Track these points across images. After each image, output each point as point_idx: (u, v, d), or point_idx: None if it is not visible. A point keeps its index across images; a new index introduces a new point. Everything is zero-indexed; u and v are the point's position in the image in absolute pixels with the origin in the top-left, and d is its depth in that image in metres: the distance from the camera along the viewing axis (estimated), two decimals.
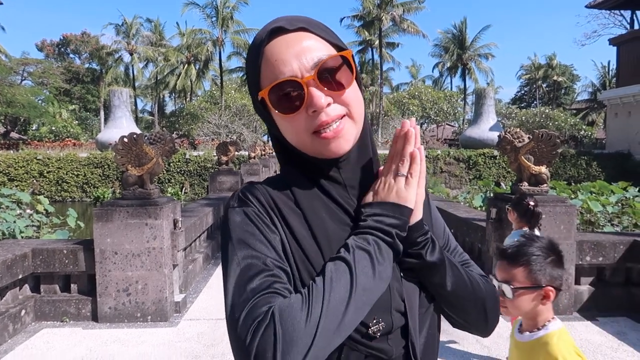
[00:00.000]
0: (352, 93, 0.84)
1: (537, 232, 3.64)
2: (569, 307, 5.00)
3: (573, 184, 19.33)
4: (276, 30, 0.82)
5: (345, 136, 0.83)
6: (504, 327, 4.55)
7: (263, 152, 22.97)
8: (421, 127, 46.13)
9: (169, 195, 12.59)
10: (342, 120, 0.82)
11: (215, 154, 14.83)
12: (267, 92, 0.81)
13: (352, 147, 0.86)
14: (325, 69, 0.80)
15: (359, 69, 0.89)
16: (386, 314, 0.83)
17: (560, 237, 4.93)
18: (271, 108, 0.83)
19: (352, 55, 0.85)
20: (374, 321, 0.82)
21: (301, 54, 0.80)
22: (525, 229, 3.62)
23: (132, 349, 4.18)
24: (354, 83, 0.85)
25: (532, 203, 3.61)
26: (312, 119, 0.80)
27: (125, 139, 4.72)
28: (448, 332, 4.44)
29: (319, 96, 0.79)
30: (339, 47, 0.85)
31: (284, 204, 0.86)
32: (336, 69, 0.82)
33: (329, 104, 0.80)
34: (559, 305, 4.95)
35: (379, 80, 46.74)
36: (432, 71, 58.44)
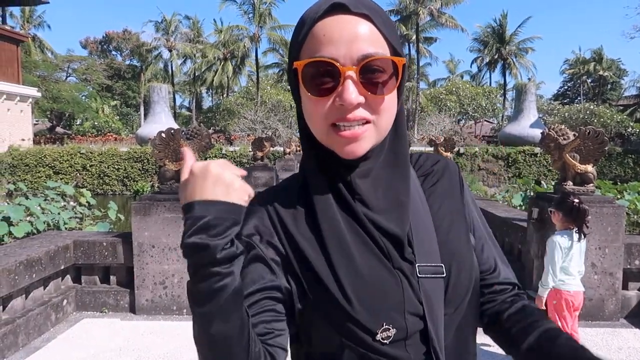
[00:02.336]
0: (388, 102, 0.78)
1: (585, 233, 3.47)
2: (615, 313, 4.77)
3: (619, 183, 18.54)
4: (337, 7, 0.75)
5: (362, 141, 0.76)
6: None
7: (298, 148, 23.07)
8: (458, 123, 45.29)
9: None
10: (365, 125, 0.76)
11: (250, 150, 14.97)
12: (304, 65, 0.75)
13: (370, 155, 0.80)
14: (370, 67, 0.74)
15: (405, 80, 0.82)
16: (399, 318, 0.76)
17: (607, 239, 4.71)
18: (301, 83, 0.76)
19: (405, 65, 0.78)
20: (383, 327, 0.75)
21: (353, 41, 0.73)
22: (573, 229, 3.45)
23: (168, 342, 4.24)
24: (394, 93, 0.79)
25: (576, 200, 3.45)
26: (336, 110, 0.75)
27: (163, 134, 4.79)
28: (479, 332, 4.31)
29: (353, 91, 0.73)
30: (394, 50, 0.78)
31: (291, 219, 0.82)
32: (382, 71, 0.75)
33: (359, 104, 0.74)
34: (604, 311, 4.74)
35: (416, 76, 46.15)
36: (471, 66, 57.32)
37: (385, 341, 0.75)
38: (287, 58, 0.83)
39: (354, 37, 0.73)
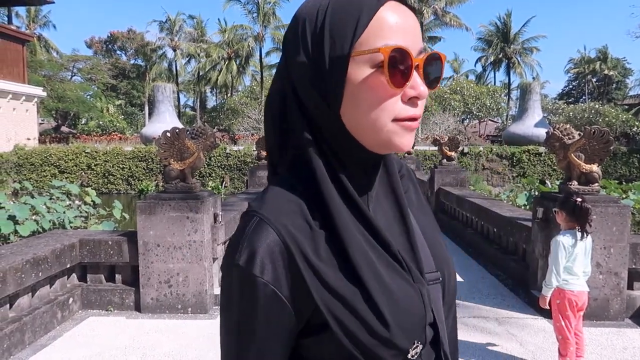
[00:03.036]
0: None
1: (588, 231, 3.47)
2: (620, 313, 4.76)
3: (624, 183, 18.46)
4: None
5: (412, 135, 0.74)
6: (549, 331, 4.38)
7: None
8: (462, 122, 45.19)
9: (209, 189, 12.81)
10: (418, 120, 0.74)
11: (254, 149, 15.00)
12: (391, 50, 0.67)
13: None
14: (430, 61, 0.72)
15: None
16: (422, 331, 0.74)
17: (613, 239, 4.70)
18: (386, 70, 0.68)
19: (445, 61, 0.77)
20: (415, 345, 0.72)
21: (416, 32, 0.72)
22: (577, 228, 3.46)
23: (173, 340, 4.26)
24: None
25: (579, 199, 3.46)
26: (403, 105, 0.70)
27: (168, 134, 4.81)
28: (490, 332, 4.31)
29: (422, 84, 0.70)
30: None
31: (310, 246, 0.70)
32: (433, 66, 0.73)
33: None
34: (609, 311, 4.73)
35: None
36: (475, 65, 57.15)
37: (414, 357, 0.73)
38: (307, 50, 0.72)
39: (415, 28, 0.72)
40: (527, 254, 5.57)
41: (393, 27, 0.69)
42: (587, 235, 3.47)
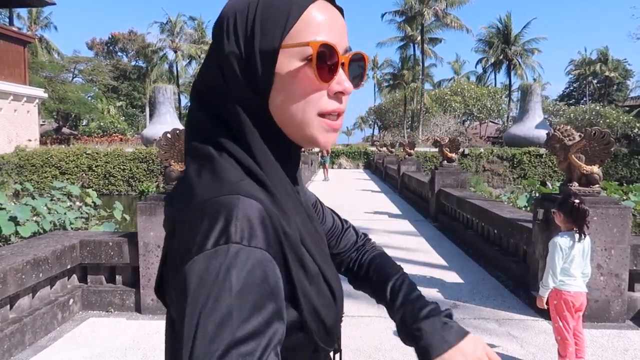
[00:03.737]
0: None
1: (585, 233, 3.48)
2: (621, 315, 4.75)
3: (625, 184, 18.44)
4: None
5: (336, 133, 0.77)
6: (550, 333, 4.38)
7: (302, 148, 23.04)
8: (463, 124, 45.16)
9: None
10: (341, 117, 0.77)
11: None
12: (320, 45, 0.70)
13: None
14: (355, 60, 0.77)
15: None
16: (342, 310, 0.87)
17: (613, 240, 4.69)
18: (314, 64, 0.70)
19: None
20: (342, 321, 0.86)
21: (343, 31, 0.76)
22: (575, 230, 3.47)
23: None
24: None
25: (577, 201, 3.47)
26: (329, 100, 0.74)
27: (169, 135, 4.81)
28: (491, 333, 4.31)
29: (347, 80, 0.74)
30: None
31: (283, 222, 0.70)
32: (357, 64, 0.78)
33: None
34: (610, 313, 4.72)
35: (421, 77, 46.06)
36: (476, 67, 57.13)
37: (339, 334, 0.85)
38: (245, 34, 0.72)
39: (343, 28, 0.76)
40: (528, 255, 5.56)
41: (321, 24, 0.72)
42: (584, 236, 3.48)
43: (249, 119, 0.73)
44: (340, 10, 0.78)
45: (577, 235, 3.45)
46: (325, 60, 0.72)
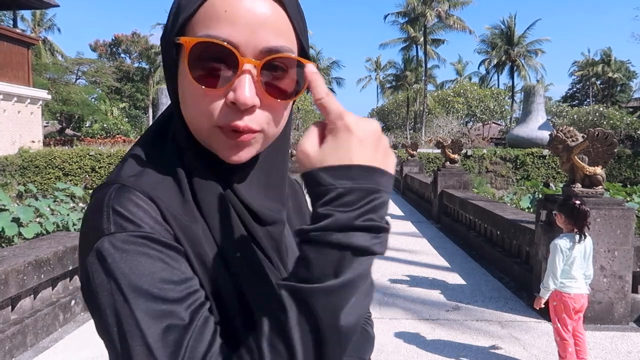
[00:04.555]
0: (283, 109, 0.65)
1: (585, 234, 3.47)
2: (624, 317, 4.72)
3: (629, 185, 18.37)
4: None
5: (250, 148, 0.64)
6: (552, 335, 4.36)
7: None
8: (466, 125, 45.11)
9: None
10: (255, 134, 0.62)
11: None
12: (195, 43, 0.58)
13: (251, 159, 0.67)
14: (275, 64, 0.61)
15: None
16: None
17: (617, 242, 4.66)
18: (186, 66, 0.59)
19: (313, 72, 0.59)
20: None
21: (260, 28, 0.59)
22: (576, 231, 3.46)
23: None
24: (291, 101, 0.66)
25: (577, 202, 3.47)
26: (226, 111, 0.60)
27: None
28: (493, 335, 4.29)
29: (250, 90, 0.58)
30: (303, 49, 0.66)
31: (180, 212, 0.62)
32: (287, 72, 0.62)
33: (253, 107, 0.60)
34: (614, 315, 4.69)
35: (423, 78, 46.05)
36: (478, 68, 57.06)
37: None
38: (167, 20, 0.66)
39: (261, 23, 0.59)
40: (531, 257, 5.54)
41: (221, 16, 0.59)
42: (584, 237, 3.47)
43: (177, 113, 0.67)
44: (279, 2, 0.62)
45: (577, 237, 3.44)
46: (211, 61, 0.59)
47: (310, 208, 0.54)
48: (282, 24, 0.62)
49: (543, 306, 3.54)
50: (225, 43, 0.58)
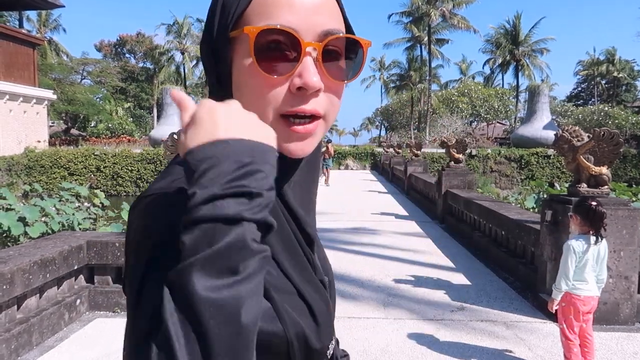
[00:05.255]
0: (341, 93, 0.66)
1: (602, 235, 3.43)
2: (630, 318, 4.70)
3: (634, 185, 18.27)
4: None
5: (314, 138, 0.64)
6: (558, 335, 4.34)
7: None
8: (470, 125, 44.99)
9: None
10: (318, 120, 0.63)
11: None
12: (259, 31, 0.59)
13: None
14: (334, 46, 0.63)
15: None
16: (332, 331, 0.72)
17: (623, 242, 4.64)
18: (252, 54, 0.59)
19: (368, 49, 0.66)
20: (331, 343, 0.69)
21: (316, 12, 0.61)
22: (591, 233, 3.41)
23: None
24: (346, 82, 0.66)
25: (594, 203, 3.41)
26: (291, 98, 0.61)
27: (175, 136, 4.82)
28: (498, 336, 4.27)
29: (314, 73, 0.60)
30: (350, 29, 0.68)
31: None
32: (342, 53, 0.64)
33: (318, 90, 0.61)
34: (619, 316, 4.67)
35: (427, 78, 45.96)
36: (483, 68, 56.92)
37: (330, 355, 0.69)
38: (211, 20, 0.66)
39: (316, 7, 0.61)
40: (536, 257, 5.52)
41: (278, 3, 0.60)
42: (601, 239, 3.42)
43: None
44: None
45: (593, 238, 3.40)
46: (275, 48, 0.60)
47: None
48: (332, 7, 0.63)
49: (557, 307, 3.51)
50: (288, 28, 0.59)
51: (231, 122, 0.50)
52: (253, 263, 0.47)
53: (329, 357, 0.69)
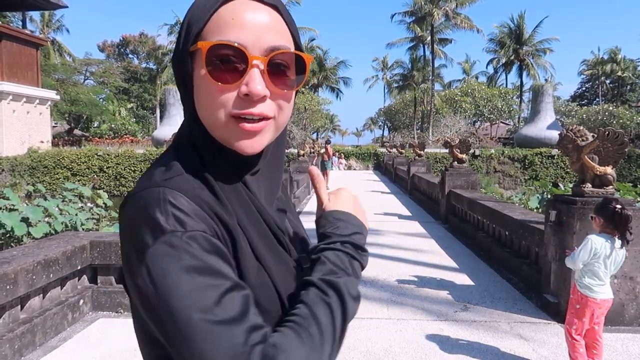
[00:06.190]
0: (290, 99, 0.77)
1: (628, 239, 3.32)
2: (635, 319, 4.67)
3: (639, 185, 18.19)
4: None
5: (261, 137, 0.74)
6: (562, 336, 4.31)
7: (312, 150, 23.05)
8: (474, 125, 44.90)
9: None
10: (267, 121, 0.73)
11: None
12: (210, 46, 0.69)
13: (260, 153, 0.78)
14: (279, 60, 0.73)
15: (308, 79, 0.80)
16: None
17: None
18: (204, 66, 0.70)
19: (310, 63, 0.79)
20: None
21: (263, 30, 0.71)
22: (616, 235, 3.32)
23: None
24: (294, 92, 0.79)
25: (619, 206, 3.29)
26: (240, 102, 0.71)
27: None
28: (502, 336, 4.25)
29: (259, 82, 0.70)
30: (298, 46, 0.78)
31: (220, 211, 0.72)
32: (288, 66, 0.74)
33: (264, 97, 0.71)
34: (624, 316, 4.64)
35: (431, 77, 45.88)
36: (486, 67, 56.76)
37: None
38: (179, 39, 0.77)
39: (264, 26, 0.71)
40: (540, 257, 5.49)
41: (230, 23, 0.70)
42: (627, 243, 3.31)
43: (193, 120, 0.77)
44: (274, 6, 0.74)
45: (618, 242, 3.29)
46: (225, 61, 0.70)
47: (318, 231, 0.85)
48: (280, 27, 0.74)
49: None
50: (236, 43, 0.69)
51: (356, 206, 0.89)
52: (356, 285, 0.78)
53: None
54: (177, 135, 0.81)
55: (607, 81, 55.29)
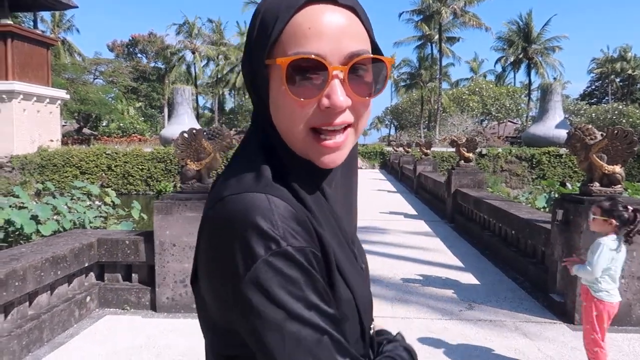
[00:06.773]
0: (369, 104, 0.73)
1: (632, 240, 3.25)
2: None
3: None
4: None
5: (343, 150, 0.72)
6: (569, 336, 4.29)
7: None
8: (481, 123, 44.68)
9: None
10: (346, 131, 0.71)
11: None
12: (290, 61, 0.66)
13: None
14: (360, 67, 0.69)
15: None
16: (372, 313, 0.85)
17: (636, 242, 4.54)
18: (284, 83, 0.67)
19: (391, 66, 0.74)
20: (371, 324, 0.83)
21: (342, 37, 0.67)
22: (619, 234, 3.25)
23: (187, 340, 4.28)
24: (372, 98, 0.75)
25: (630, 208, 3.21)
26: (320, 115, 0.68)
27: (185, 135, 4.84)
28: (507, 336, 4.24)
29: (341, 94, 0.67)
30: (376, 47, 0.74)
31: (315, 223, 0.70)
32: (368, 71, 0.71)
33: (346, 107, 0.68)
34: (632, 317, 4.60)
35: (438, 76, 45.70)
36: (494, 66, 56.46)
37: (371, 334, 0.84)
38: (249, 43, 0.74)
39: (342, 32, 0.67)
40: (546, 257, 5.46)
41: (307, 34, 0.66)
42: (630, 243, 3.26)
43: (270, 126, 0.74)
44: (350, 8, 0.69)
45: (623, 246, 3.24)
46: (305, 75, 0.66)
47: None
48: (358, 30, 0.70)
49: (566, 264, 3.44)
50: (314, 56, 0.65)
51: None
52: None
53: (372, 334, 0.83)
54: (246, 140, 0.78)
55: (617, 79, 54.76)
